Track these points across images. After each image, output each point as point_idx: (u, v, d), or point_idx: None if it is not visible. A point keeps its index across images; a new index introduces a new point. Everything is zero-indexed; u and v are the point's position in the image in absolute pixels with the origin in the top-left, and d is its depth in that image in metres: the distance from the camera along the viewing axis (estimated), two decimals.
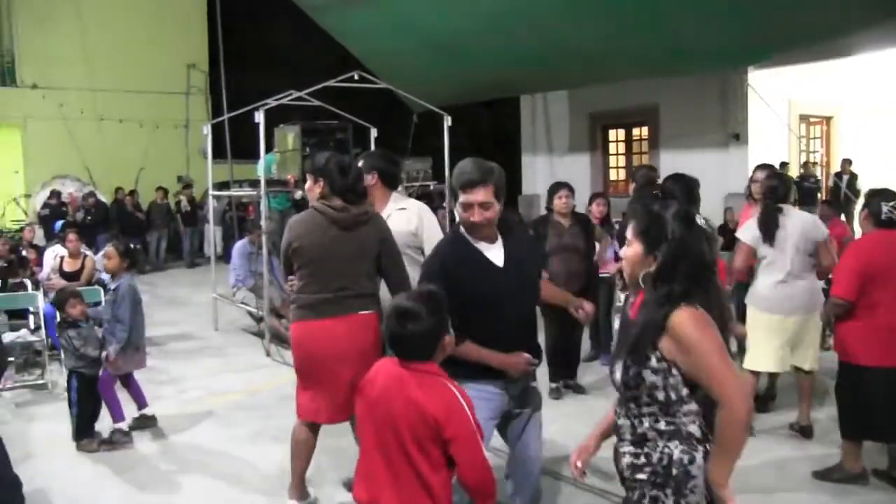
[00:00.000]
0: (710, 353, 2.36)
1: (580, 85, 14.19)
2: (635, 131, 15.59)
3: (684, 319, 2.37)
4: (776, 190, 5.30)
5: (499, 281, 3.35)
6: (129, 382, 6.02)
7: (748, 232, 5.34)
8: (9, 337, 7.35)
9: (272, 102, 8.61)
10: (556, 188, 6.63)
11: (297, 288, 4.19)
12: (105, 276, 7.56)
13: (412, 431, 2.57)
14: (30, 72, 18.99)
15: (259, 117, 8.17)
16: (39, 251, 10.60)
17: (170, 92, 20.45)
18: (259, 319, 9.07)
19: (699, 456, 2.44)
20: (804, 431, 5.47)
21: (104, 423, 5.77)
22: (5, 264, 8.29)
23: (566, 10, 10.05)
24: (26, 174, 19.15)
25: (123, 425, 5.72)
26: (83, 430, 5.67)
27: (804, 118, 14.99)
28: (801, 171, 14.30)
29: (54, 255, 8.95)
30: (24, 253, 9.88)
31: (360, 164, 4.47)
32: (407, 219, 4.43)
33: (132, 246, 6.28)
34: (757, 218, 5.30)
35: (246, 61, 17.56)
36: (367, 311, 4.14)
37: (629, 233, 2.54)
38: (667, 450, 2.45)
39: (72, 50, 18.92)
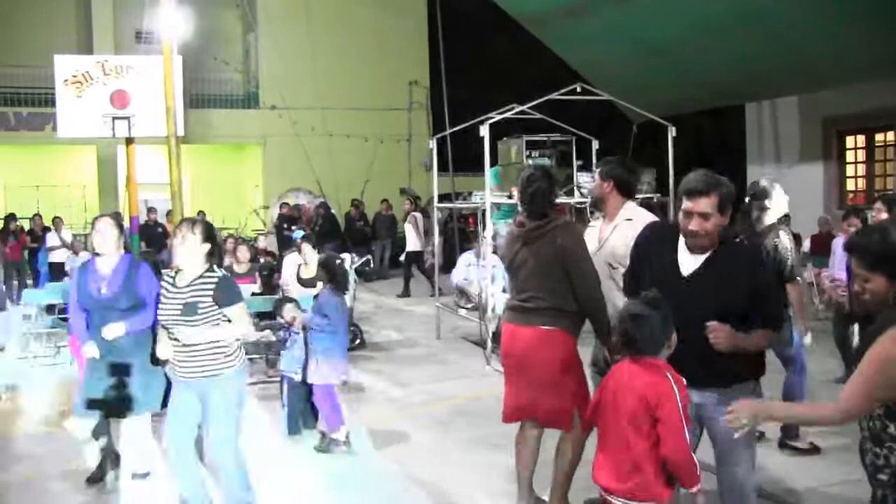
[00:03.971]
0: None
1: (811, 90, 13.25)
2: (878, 136, 14.32)
3: None
4: None
5: (672, 288, 3.21)
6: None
7: None
8: (255, 335, 7.98)
9: (496, 116, 8.76)
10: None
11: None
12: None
13: (631, 413, 2.99)
14: (270, 95, 20.68)
15: (484, 131, 8.34)
16: (274, 258, 11.41)
17: (393, 108, 21.55)
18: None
19: None
20: None
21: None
22: (266, 272, 9.06)
23: (792, 8, 9.46)
24: (265, 188, 20.93)
25: (340, 435, 5.83)
26: (294, 428, 6.15)
27: None
28: None
29: (292, 262, 9.59)
30: (261, 260, 10.64)
31: (598, 171, 4.50)
32: (624, 234, 4.19)
33: (336, 260, 6.55)
34: None
35: (464, 76, 18.03)
36: (549, 328, 4.09)
37: (861, 268, 2.60)
38: None
39: (305, 73, 20.33)
